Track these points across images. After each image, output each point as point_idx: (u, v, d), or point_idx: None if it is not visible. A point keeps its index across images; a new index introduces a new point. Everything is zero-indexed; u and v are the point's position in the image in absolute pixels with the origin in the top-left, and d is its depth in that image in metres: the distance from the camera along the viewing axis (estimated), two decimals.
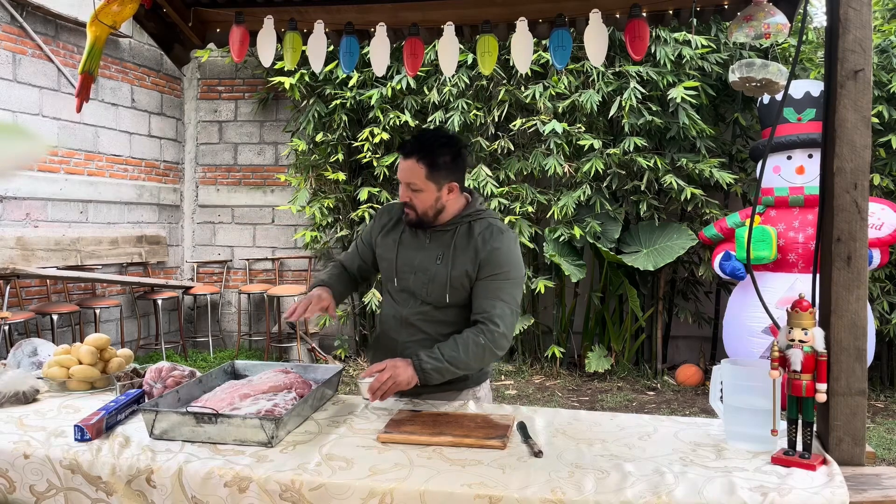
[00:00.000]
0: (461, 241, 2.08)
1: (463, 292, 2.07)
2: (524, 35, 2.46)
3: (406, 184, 2.03)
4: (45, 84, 5.67)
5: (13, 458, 1.64)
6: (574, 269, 5.80)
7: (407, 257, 2.12)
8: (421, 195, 2.03)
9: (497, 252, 2.03)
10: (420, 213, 2.06)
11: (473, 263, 2.04)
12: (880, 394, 5.49)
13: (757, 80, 2.09)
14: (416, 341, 2.09)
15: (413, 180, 2.02)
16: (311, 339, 6.71)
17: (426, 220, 2.07)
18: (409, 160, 2.02)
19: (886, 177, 5.38)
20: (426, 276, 2.08)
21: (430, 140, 2.04)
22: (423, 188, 2.02)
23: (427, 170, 2.00)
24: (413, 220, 2.08)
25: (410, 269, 2.11)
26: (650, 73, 5.54)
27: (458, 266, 2.05)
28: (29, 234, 5.47)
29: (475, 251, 2.04)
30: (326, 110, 6.45)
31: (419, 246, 2.11)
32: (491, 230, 2.07)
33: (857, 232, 1.63)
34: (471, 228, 2.09)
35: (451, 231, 2.09)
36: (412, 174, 2.01)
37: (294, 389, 1.95)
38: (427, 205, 2.05)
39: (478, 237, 2.06)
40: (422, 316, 2.10)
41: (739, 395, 1.68)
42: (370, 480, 1.48)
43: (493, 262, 2.02)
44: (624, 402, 5.34)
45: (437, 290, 2.06)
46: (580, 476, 1.49)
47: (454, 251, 2.06)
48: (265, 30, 2.54)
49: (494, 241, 2.04)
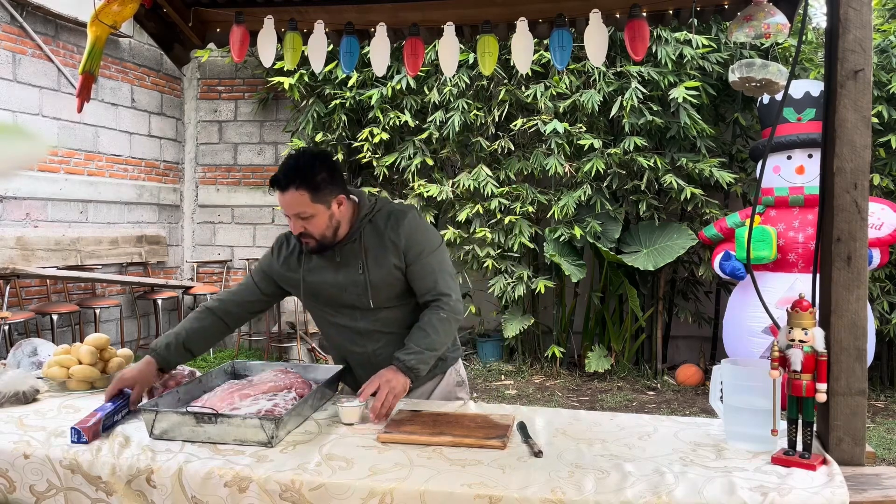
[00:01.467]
0: (371, 241, 2.05)
1: (400, 285, 2.08)
2: (524, 35, 2.46)
3: (294, 215, 1.96)
4: (45, 84, 5.67)
5: (13, 458, 1.64)
6: (574, 269, 5.80)
7: (329, 279, 2.07)
8: (313, 220, 1.97)
9: (411, 234, 2.04)
10: (319, 238, 2.00)
11: (397, 255, 2.03)
12: (880, 394, 5.49)
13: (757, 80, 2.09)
14: (384, 345, 2.09)
15: (301, 209, 1.94)
16: (311, 339, 6.71)
17: (327, 241, 2.02)
18: (287, 192, 1.93)
19: (886, 177, 5.38)
20: (359, 289, 2.05)
21: (302, 164, 1.95)
22: (313, 213, 1.96)
23: (310, 194, 1.94)
24: (314, 247, 2.02)
25: (339, 288, 2.06)
26: (651, 72, 5.54)
27: (383, 266, 2.04)
28: (29, 234, 5.47)
29: (392, 243, 2.04)
30: (326, 110, 6.45)
31: (331, 264, 2.07)
32: (395, 217, 2.06)
33: (857, 232, 1.63)
34: (374, 226, 2.06)
35: (356, 239, 2.05)
36: (297, 204, 1.94)
37: (294, 389, 1.95)
38: (322, 227, 1.99)
39: (387, 231, 2.05)
40: (378, 321, 2.10)
41: (739, 395, 1.68)
42: (370, 480, 1.48)
43: (413, 242, 2.04)
44: (624, 402, 5.34)
45: (380, 295, 2.06)
46: (580, 476, 1.49)
47: (370, 254, 2.04)
48: (265, 30, 2.54)
49: (403, 224, 2.04)
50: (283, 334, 6.96)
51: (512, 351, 6.47)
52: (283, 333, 6.96)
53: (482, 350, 6.47)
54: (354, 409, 1.85)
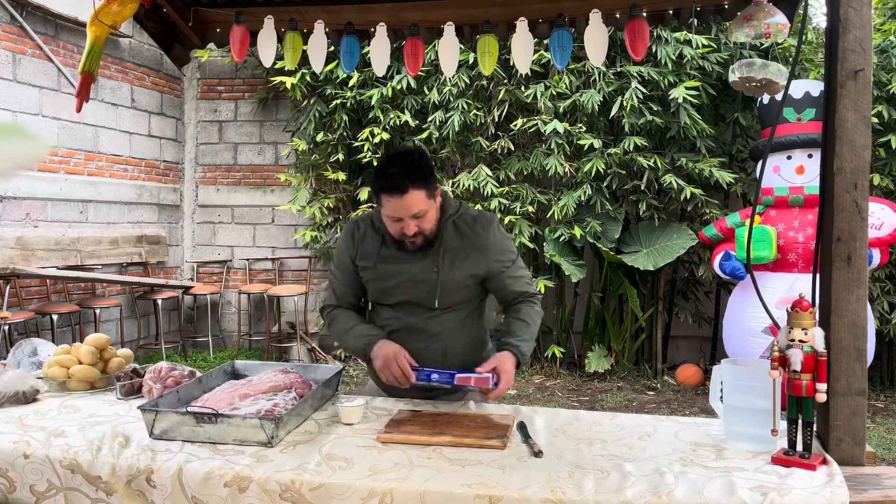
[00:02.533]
0: (452, 243, 2.06)
1: (469, 291, 2.11)
2: (524, 35, 2.46)
3: (411, 216, 1.95)
4: (45, 84, 5.67)
5: (13, 458, 1.64)
6: (574, 269, 5.80)
7: (399, 272, 2.08)
8: (427, 216, 1.99)
9: (501, 241, 2.12)
10: (428, 235, 2.02)
11: (480, 262, 2.07)
12: (880, 394, 5.49)
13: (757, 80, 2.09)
14: (429, 346, 2.10)
15: (420, 208, 1.95)
16: (311, 339, 6.71)
17: (431, 236, 2.04)
18: (408, 193, 1.91)
19: (886, 177, 5.38)
20: (429, 286, 2.06)
21: (414, 163, 1.95)
22: (427, 209, 1.97)
23: (426, 191, 1.95)
24: (421, 243, 2.02)
25: (410, 283, 2.07)
26: (651, 72, 5.54)
27: (459, 269, 2.06)
28: (29, 234, 5.47)
29: (477, 250, 2.06)
30: (327, 110, 6.45)
31: (405, 258, 2.07)
32: (482, 223, 2.09)
33: (857, 232, 1.63)
34: (457, 228, 2.08)
35: (439, 236, 2.06)
36: (416, 204, 1.94)
37: (294, 389, 1.95)
38: (433, 222, 2.02)
39: (473, 236, 2.07)
40: (432, 320, 2.11)
41: (739, 395, 1.68)
42: (370, 480, 1.48)
43: (503, 250, 2.12)
44: (624, 402, 5.34)
45: (447, 296, 2.07)
46: (580, 476, 1.49)
47: (448, 255, 2.05)
48: (265, 30, 2.54)
49: (490, 232, 2.10)
50: (283, 334, 6.96)
51: None
52: (283, 333, 6.96)
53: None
54: (355, 410, 1.86)
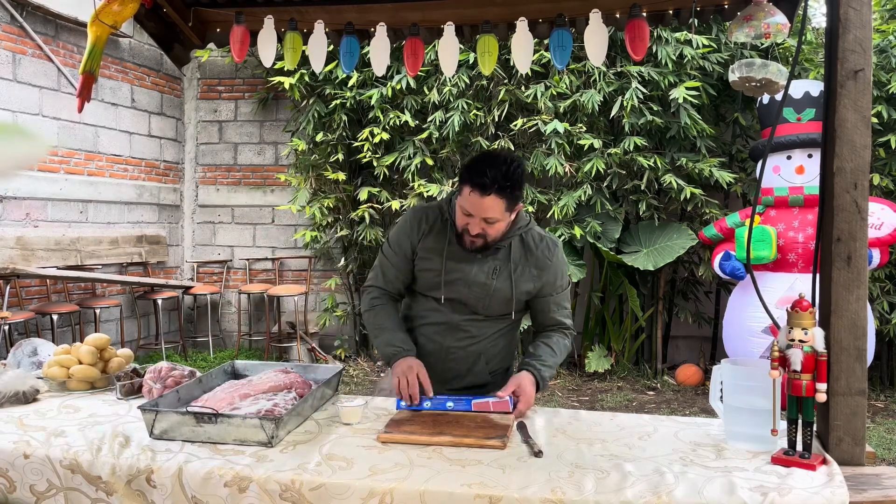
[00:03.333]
0: (518, 256, 2.08)
1: (518, 305, 2.13)
2: (524, 35, 2.46)
3: (482, 218, 1.94)
4: (45, 84, 5.67)
5: (13, 457, 1.64)
6: (574, 269, 5.80)
7: (458, 270, 2.07)
8: (496, 225, 1.98)
9: (561, 266, 2.14)
10: (490, 241, 2.02)
11: (536, 280, 2.10)
12: (880, 394, 5.49)
13: (757, 80, 2.09)
14: (462, 346, 2.13)
15: (493, 215, 1.93)
16: (311, 339, 6.71)
17: (492, 244, 2.04)
18: (488, 196, 1.89)
19: (886, 177, 5.38)
20: (483, 291, 2.07)
21: (510, 173, 1.90)
22: (500, 219, 1.96)
23: (506, 203, 1.93)
24: (480, 246, 2.02)
25: (465, 283, 2.07)
26: (651, 72, 5.54)
27: (520, 284, 2.08)
28: (29, 234, 5.47)
29: (538, 269, 2.09)
30: (326, 110, 6.45)
31: (471, 258, 2.07)
32: (548, 244, 2.12)
33: (857, 232, 1.63)
34: (524, 243, 2.10)
35: (505, 246, 2.08)
36: (492, 210, 1.92)
37: (294, 389, 1.95)
38: (499, 232, 2.01)
39: (538, 253, 2.09)
40: (473, 322, 2.13)
41: (739, 395, 1.68)
42: (370, 480, 1.48)
43: (560, 274, 2.14)
44: (624, 402, 5.34)
45: (497, 305, 2.09)
46: (580, 476, 1.49)
47: (513, 267, 2.07)
48: (265, 30, 2.54)
49: (556, 254, 2.13)
50: (283, 334, 6.96)
51: None
52: (283, 333, 6.96)
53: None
54: (355, 410, 1.86)
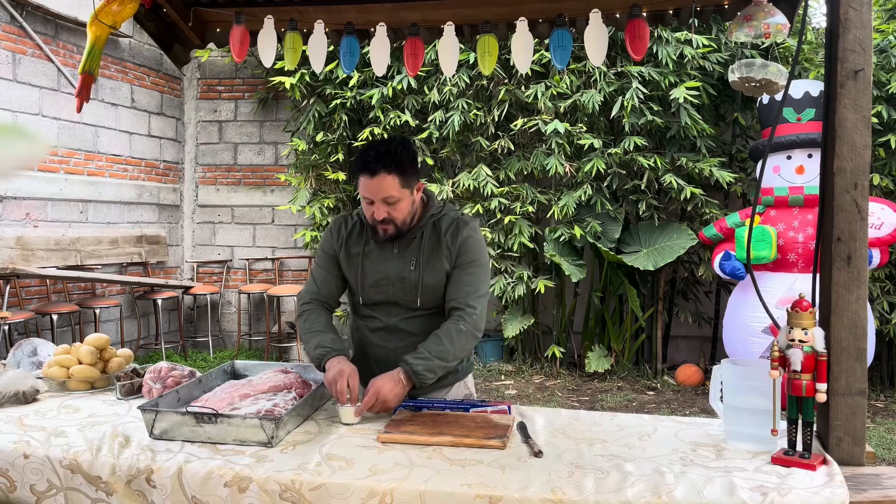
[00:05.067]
0: (430, 243, 2.07)
1: (443, 291, 2.08)
2: (524, 35, 2.45)
3: (381, 200, 1.96)
4: (45, 84, 5.67)
5: (13, 457, 1.64)
6: (574, 269, 5.80)
7: (380, 269, 2.08)
8: (398, 206, 1.98)
9: (467, 241, 2.07)
10: (400, 225, 2.02)
11: (449, 260, 2.06)
12: (880, 394, 5.49)
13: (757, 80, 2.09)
14: (408, 346, 2.08)
15: (390, 194, 1.95)
16: None
17: (404, 228, 2.04)
18: (378, 175, 1.93)
19: (886, 177, 5.38)
20: (406, 285, 2.06)
21: (392, 149, 1.96)
22: (399, 197, 1.97)
23: (400, 178, 1.95)
24: (392, 233, 2.03)
25: (388, 281, 2.07)
26: (651, 72, 5.54)
27: (435, 270, 2.05)
28: (29, 234, 5.47)
29: (447, 248, 2.06)
30: (326, 110, 6.45)
31: (388, 255, 2.08)
32: (457, 224, 2.09)
33: (857, 232, 1.63)
34: (436, 228, 2.09)
35: (418, 235, 2.07)
36: (387, 188, 1.94)
37: (294, 389, 1.95)
38: (405, 213, 2.01)
39: (446, 235, 2.07)
40: (410, 321, 2.10)
41: (739, 395, 1.68)
42: (370, 480, 1.48)
43: (465, 251, 2.06)
44: (624, 402, 5.34)
45: (421, 296, 2.06)
46: (580, 476, 1.49)
47: (426, 255, 2.05)
48: (265, 30, 2.54)
49: (462, 232, 2.07)
50: (283, 334, 6.96)
51: (512, 351, 6.47)
52: (283, 333, 6.96)
53: (482, 350, 6.47)
54: (353, 410, 1.85)
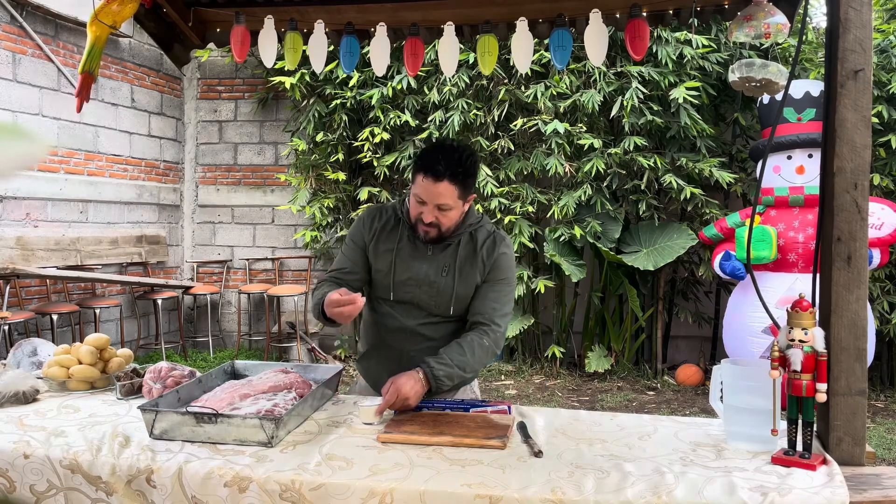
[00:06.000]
0: (466, 252, 2.06)
1: (467, 303, 2.09)
2: (524, 35, 2.45)
3: (435, 205, 1.95)
4: (45, 84, 5.67)
5: (13, 458, 1.64)
6: (574, 269, 5.80)
7: (409, 269, 2.06)
8: (449, 213, 1.98)
9: (502, 258, 2.07)
10: (444, 231, 2.01)
11: (481, 273, 2.06)
12: (880, 394, 5.49)
13: (757, 80, 2.09)
14: (422, 350, 2.08)
15: (446, 201, 1.94)
16: (311, 339, 6.71)
17: (446, 235, 2.03)
18: (441, 182, 1.91)
19: (886, 177, 5.38)
20: (434, 290, 2.05)
21: (463, 160, 1.94)
22: (453, 207, 1.97)
23: (460, 190, 1.95)
24: (434, 237, 2.02)
25: (415, 282, 2.06)
26: (651, 72, 5.54)
27: (467, 280, 2.05)
28: (29, 234, 5.47)
29: (482, 262, 2.06)
30: (326, 110, 6.45)
31: (421, 257, 2.06)
32: (494, 239, 2.09)
33: (857, 232, 1.63)
34: (473, 239, 2.09)
35: (454, 242, 2.07)
36: (445, 196, 1.93)
37: (294, 389, 1.95)
38: (453, 222, 2.01)
39: (482, 249, 2.07)
40: (429, 325, 2.09)
41: (739, 395, 1.68)
42: (370, 480, 1.48)
43: (498, 267, 2.07)
44: (624, 402, 5.34)
45: (447, 303, 2.06)
46: (580, 476, 1.49)
47: (461, 264, 2.05)
48: (266, 30, 2.54)
49: (499, 248, 2.08)
50: (283, 334, 6.96)
51: (512, 351, 6.47)
52: (283, 333, 6.96)
53: None
54: (374, 409, 1.84)
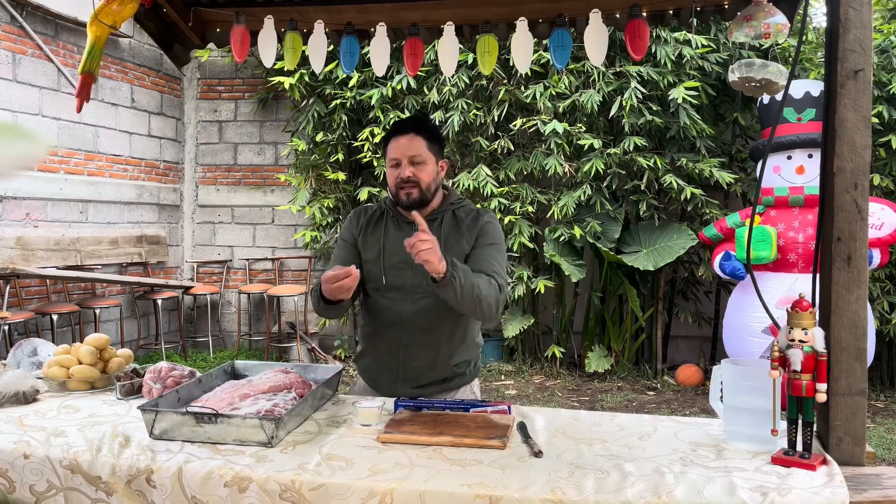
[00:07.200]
0: (450, 229, 2.11)
1: None
2: (524, 35, 2.45)
3: (408, 158, 2.06)
4: (45, 84, 5.67)
5: (13, 458, 1.64)
6: (574, 269, 5.80)
7: (398, 252, 2.07)
8: (424, 168, 2.08)
9: (487, 225, 2.13)
10: (424, 188, 2.08)
11: (468, 242, 2.09)
12: (880, 394, 5.49)
13: (757, 80, 2.09)
14: (418, 341, 2.09)
15: (417, 152, 2.06)
16: (311, 339, 6.71)
17: (428, 196, 2.10)
18: (406, 135, 2.07)
19: (886, 177, 5.38)
20: (423, 270, 2.03)
21: (422, 119, 2.18)
22: (425, 159, 2.07)
23: (426, 141, 2.07)
24: (416, 197, 2.08)
25: (406, 264, 2.07)
26: (651, 72, 5.55)
27: (454, 251, 2.06)
28: (29, 234, 5.47)
29: (467, 232, 2.10)
30: (326, 110, 6.46)
31: (408, 236, 2.06)
32: (477, 212, 2.17)
33: (857, 232, 1.63)
34: (455, 216, 2.14)
35: (437, 220, 2.12)
36: (414, 147, 2.06)
37: (294, 389, 1.95)
38: (430, 177, 2.09)
39: (466, 220, 2.13)
40: (423, 313, 2.09)
41: (739, 395, 1.68)
42: (370, 480, 1.48)
43: (485, 234, 2.11)
44: (624, 402, 5.34)
45: None
46: (580, 476, 1.49)
47: (446, 238, 2.09)
48: (265, 30, 2.54)
49: (483, 217, 2.14)
50: (283, 334, 6.96)
51: (512, 351, 6.47)
52: (283, 333, 6.96)
53: (482, 350, 6.47)
54: (372, 411, 1.84)
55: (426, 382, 2.14)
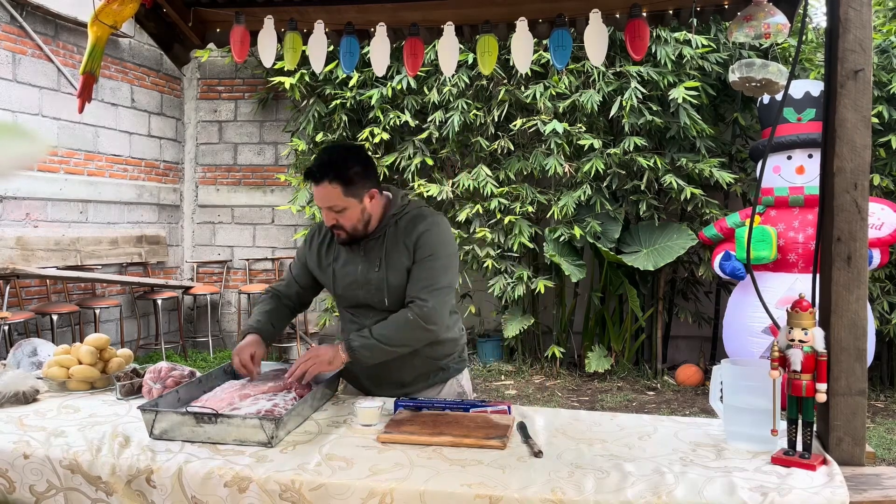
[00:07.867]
0: (391, 243, 2.08)
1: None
2: (524, 35, 2.45)
3: (327, 208, 2.01)
4: (45, 84, 5.67)
5: (13, 458, 1.64)
6: (574, 269, 5.80)
7: (348, 273, 2.11)
8: (346, 213, 2.01)
9: (423, 236, 2.05)
10: (350, 231, 2.05)
11: (408, 257, 2.05)
12: (880, 394, 5.49)
13: (757, 80, 2.09)
14: None
15: (334, 203, 1.99)
16: (311, 339, 6.71)
17: (358, 234, 2.06)
18: (321, 185, 1.98)
19: (886, 177, 5.38)
20: (371, 286, 2.08)
21: (335, 159, 2.00)
22: (345, 206, 2.00)
23: (343, 188, 1.98)
24: (346, 239, 2.07)
25: (357, 284, 2.10)
26: (651, 73, 5.54)
27: (397, 268, 2.05)
28: (29, 234, 5.47)
29: (405, 246, 2.06)
30: (326, 110, 6.45)
31: (355, 259, 2.11)
32: (414, 220, 2.08)
33: (857, 232, 1.63)
34: (397, 227, 2.09)
35: (381, 236, 2.09)
36: (330, 197, 1.99)
37: (294, 389, 1.95)
38: (354, 220, 2.03)
39: (404, 232, 2.07)
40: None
41: (739, 395, 1.68)
42: (370, 480, 1.48)
43: (420, 246, 2.05)
44: (624, 402, 5.34)
45: (388, 296, 2.06)
46: (580, 476, 1.49)
47: (388, 254, 2.06)
48: (265, 30, 2.54)
49: (418, 227, 2.06)
50: (283, 334, 6.96)
51: (512, 351, 6.47)
52: (283, 333, 6.96)
53: (482, 350, 6.47)
54: (372, 411, 1.84)
55: (410, 380, 2.16)
